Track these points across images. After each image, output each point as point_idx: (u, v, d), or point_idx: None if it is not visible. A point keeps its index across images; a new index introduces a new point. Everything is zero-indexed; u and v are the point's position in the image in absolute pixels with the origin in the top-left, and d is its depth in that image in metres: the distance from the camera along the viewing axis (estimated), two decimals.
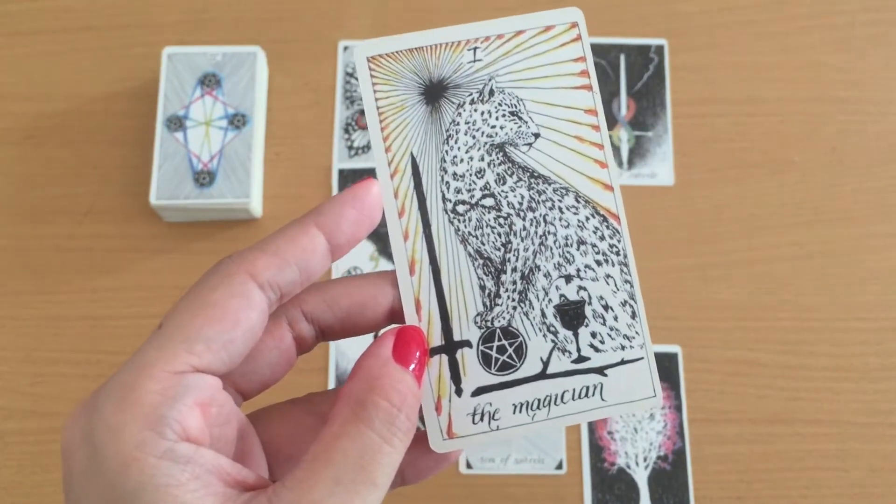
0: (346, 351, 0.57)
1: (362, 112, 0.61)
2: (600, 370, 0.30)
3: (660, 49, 0.63)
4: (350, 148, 0.60)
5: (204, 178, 0.56)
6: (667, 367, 0.56)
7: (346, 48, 0.62)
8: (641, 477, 0.55)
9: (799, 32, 0.63)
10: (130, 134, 0.60)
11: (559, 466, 0.55)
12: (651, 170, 0.60)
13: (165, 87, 0.58)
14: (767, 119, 0.61)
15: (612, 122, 0.61)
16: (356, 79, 0.62)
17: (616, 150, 0.61)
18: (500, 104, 0.30)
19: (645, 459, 0.55)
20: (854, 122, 0.61)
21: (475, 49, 0.31)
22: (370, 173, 0.60)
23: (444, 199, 0.30)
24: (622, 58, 0.62)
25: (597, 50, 0.62)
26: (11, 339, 0.57)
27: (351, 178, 0.60)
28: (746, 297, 0.58)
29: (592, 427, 0.56)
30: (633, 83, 0.62)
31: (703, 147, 0.61)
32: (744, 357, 0.57)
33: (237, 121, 0.57)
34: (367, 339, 0.57)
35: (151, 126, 0.59)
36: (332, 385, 0.56)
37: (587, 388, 0.30)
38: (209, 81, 0.58)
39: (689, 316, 0.57)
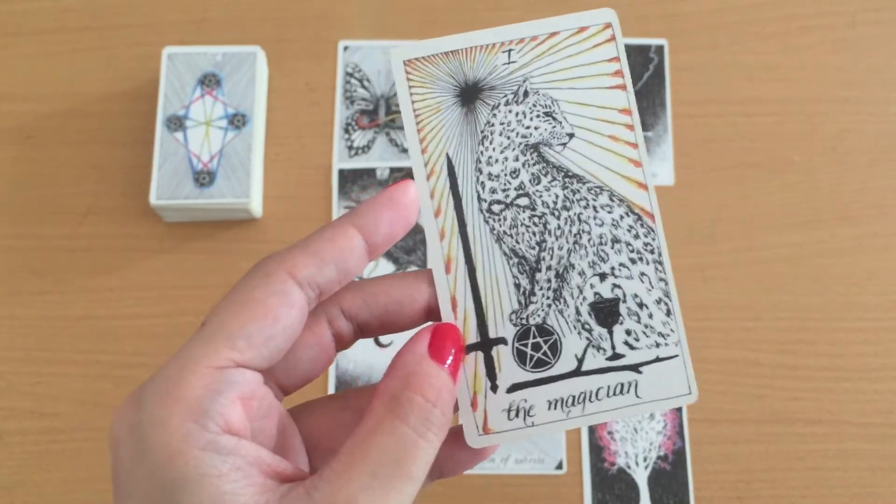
0: (346, 352, 0.57)
1: (362, 112, 0.61)
2: (635, 367, 0.30)
3: (660, 49, 0.63)
4: (350, 148, 0.60)
5: (204, 178, 0.56)
6: None
7: (346, 48, 0.62)
8: (641, 477, 0.55)
9: (799, 32, 0.63)
10: (130, 134, 0.60)
11: (559, 466, 0.55)
12: (651, 170, 0.60)
13: (165, 87, 0.58)
14: (767, 119, 0.61)
15: None
16: (356, 79, 0.62)
17: None
18: (534, 105, 0.31)
19: (645, 459, 0.55)
20: (854, 122, 0.61)
21: (509, 51, 0.31)
22: (370, 173, 0.60)
23: (480, 199, 0.30)
24: None
25: None
26: (11, 339, 0.57)
27: (351, 178, 0.60)
28: (746, 297, 0.58)
29: (592, 427, 0.56)
30: (633, 83, 0.62)
31: (703, 147, 0.61)
32: (744, 357, 0.57)
33: (237, 121, 0.57)
34: (368, 339, 0.57)
35: (151, 126, 0.59)
36: (332, 385, 0.56)
37: (622, 385, 0.30)
38: (209, 81, 0.58)
39: (689, 316, 0.57)
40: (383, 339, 0.58)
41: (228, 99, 0.58)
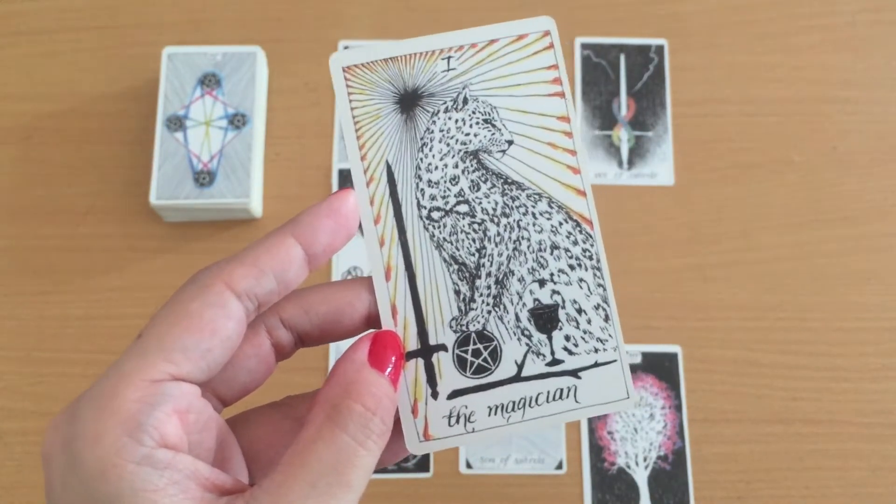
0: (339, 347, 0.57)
1: None
2: (574, 373, 0.31)
3: (660, 49, 0.63)
4: None
5: (204, 178, 0.56)
6: (667, 367, 0.56)
7: (346, 48, 0.62)
8: (641, 477, 0.55)
9: (799, 32, 0.63)
10: (130, 134, 0.60)
11: (559, 466, 0.55)
12: (651, 170, 0.60)
13: (165, 87, 0.58)
14: (767, 119, 0.61)
15: (612, 122, 0.61)
16: None
17: (616, 150, 0.61)
18: (473, 112, 0.31)
19: (645, 459, 0.55)
20: (854, 122, 0.61)
21: (449, 58, 0.31)
22: None
23: (420, 206, 0.31)
24: (622, 58, 0.62)
25: (597, 50, 0.62)
26: (11, 339, 0.57)
27: (350, 178, 0.60)
28: (746, 297, 0.58)
29: (592, 427, 0.56)
30: (633, 83, 0.62)
31: (703, 147, 0.61)
32: (744, 357, 0.57)
33: (237, 121, 0.57)
34: None
35: (151, 126, 0.59)
36: None
37: (561, 390, 0.30)
38: (209, 81, 0.58)
39: (689, 316, 0.57)
40: None
41: (228, 99, 0.58)
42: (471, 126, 0.31)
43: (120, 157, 0.60)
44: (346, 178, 0.60)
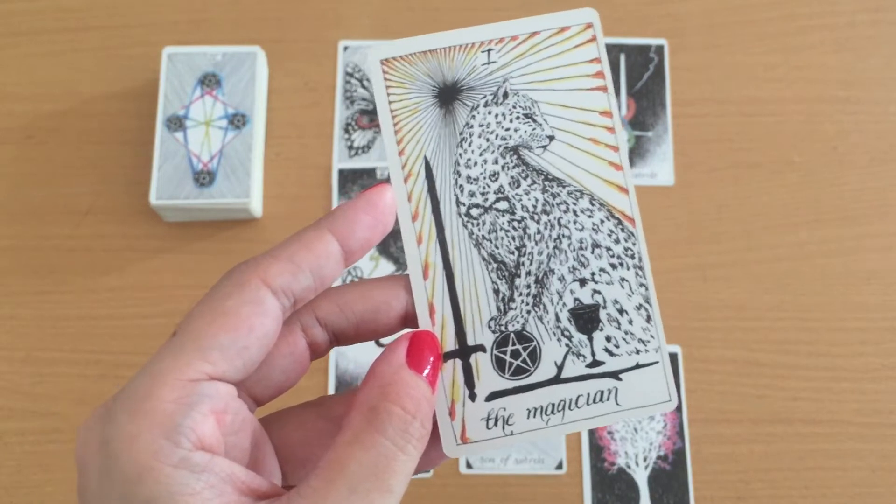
0: (346, 352, 0.57)
1: (362, 112, 0.61)
2: (615, 374, 0.30)
3: (660, 49, 0.63)
4: (350, 148, 0.60)
5: (204, 178, 0.56)
6: None
7: (346, 48, 0.62)
8: (641, 477, 0.55)
9: (799, 32, 0.63)
10: (130, 134, 0.60)
11: (559, 466, 0.55)
12: (651, 170, 0.60)
13: (165, 87, 0.58)
14: (767, 119, 0.61)
15: None
16: (356, 79, 0.62)
17: None
18: (514, 106, 0.30)
19: (645, 459, 0.55)
20: (854, 122, 0.61)
21: (489, 51, 0.30)
22: (370, 173, 0.60)
23: (458, 203, 0.30)
24: (622, 58, 0.62)
25: None
26: (11, 339, 0.57)
27: (351, 177, 0.60)
28: (746, 297, 0.58)
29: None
30: (633, 83, 0.62)
31: (703, 147, 0.61)
32: (744, 357, 0.57)
33: (237, 121, 0.57)
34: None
35: (151, 126, 0.59)
36: (332, 385, 0.56)
37: (602, 392, 0.30)
38: (209, 81, 0.58)
39: (689, 316, 0.57)
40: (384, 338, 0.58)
41: (228, 99, 0.58)
42: (511, 121, 0.30)
43: (120, 157, 0.60)
44: (346, 178, 0.60)
